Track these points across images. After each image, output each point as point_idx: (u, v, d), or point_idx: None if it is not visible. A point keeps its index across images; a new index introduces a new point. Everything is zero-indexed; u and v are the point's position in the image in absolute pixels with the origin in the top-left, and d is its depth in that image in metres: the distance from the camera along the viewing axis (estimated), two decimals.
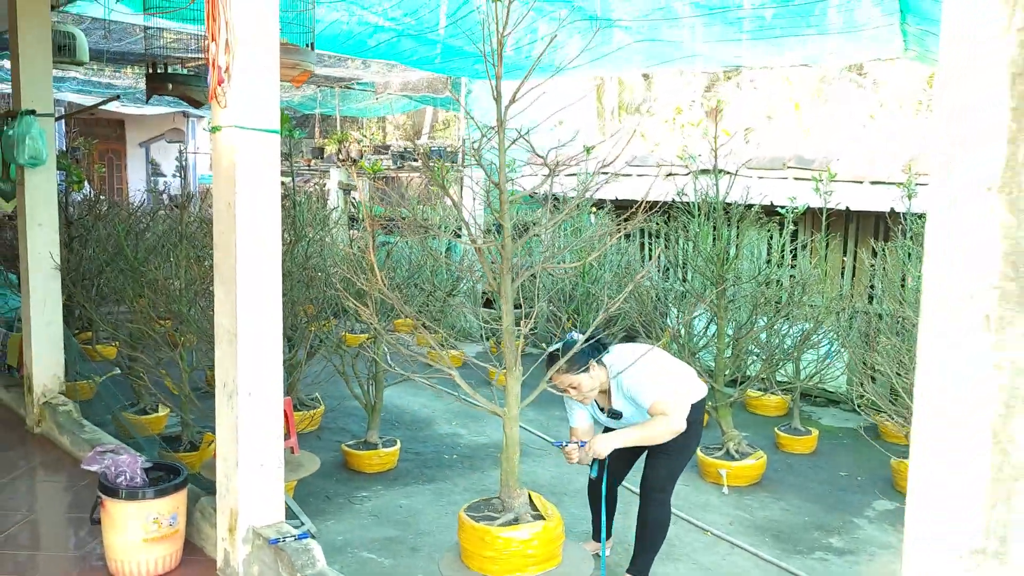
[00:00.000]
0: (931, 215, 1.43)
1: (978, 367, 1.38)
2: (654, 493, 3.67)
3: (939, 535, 1.45)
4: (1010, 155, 1.33)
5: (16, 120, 5.14)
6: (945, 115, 1.41)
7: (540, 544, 2.98)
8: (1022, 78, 1.31)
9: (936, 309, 1.43)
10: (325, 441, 5.92)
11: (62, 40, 6.14)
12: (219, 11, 3.20)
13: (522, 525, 3.03)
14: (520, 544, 2.97)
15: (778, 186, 7.51)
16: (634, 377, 3.46)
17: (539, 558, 2.98)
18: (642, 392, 3.44)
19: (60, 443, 5.29)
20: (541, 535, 2.99)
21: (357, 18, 6.38)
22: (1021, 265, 1.34)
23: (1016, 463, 1.36)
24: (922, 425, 1.46)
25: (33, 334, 5.48)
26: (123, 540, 3.51)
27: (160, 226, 6.90)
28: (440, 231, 4.34)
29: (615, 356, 3.55)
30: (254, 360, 3.40)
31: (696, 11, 5.30)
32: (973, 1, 1.35)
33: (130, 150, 18.20)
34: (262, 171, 3.33)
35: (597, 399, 3.67)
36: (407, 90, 10.82)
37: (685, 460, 3.73)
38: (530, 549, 2.97)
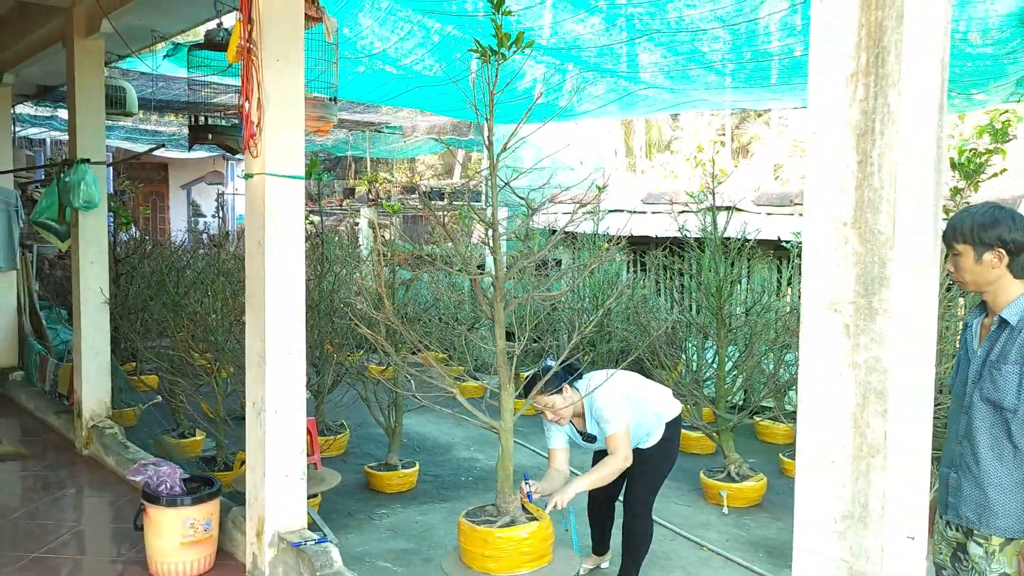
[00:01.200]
0: (805, 243, 1.79)
1: (840, 366, 1.73)
2: (636, 507, 3.99)
3: (819, 504, 1.79)
4: (859, 197, 1.69)
5: (72, 168, 5.66)
6: (813, 164, 1.77)
7: (535, 542, 3.29)
8: (864, 138, 1.67)
9: (809, 320, 1.78)
10: (350, 464, 6.29)
11: (114, 93, 6.71)
12: (252, 73, 3.66)
13: (519, 526, 3.35)
14: (517, 543, 3.25)
15: (786, 222, 7.82)
16: (600, 402, 3.76)
17: (534, 555, 3.29)
18: (605, 422, 3.74)
19: (106, 463, 5.73)
20: (536, 533, 3.30)
21: (380, 69, 6.88)
22: (870, 285, 1.69)
23: (872, 443, 1.70)
24: (803, 415, 1.81)
25: (83, 362, 5.95)
26: (163, 543, 3.91)
27: (200, 263, 7.39)
28: (461, 267, 4.69)
29: (589, 381, 3.85)
30: (281, 380, 3.80)
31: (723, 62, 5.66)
32: (827, 80, 1.72)
33: (172, 192, 19.01)
34: (289, 212, 3.77)
35: (574, 422, 3.96)
36: (433, 133, 11.34)
37: (664, 475, 4.05)
38: (526, 547, 3.27)
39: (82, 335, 5.94)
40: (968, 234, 2.44)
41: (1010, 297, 2.44)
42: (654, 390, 4.05)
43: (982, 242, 2.42)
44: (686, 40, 5.26)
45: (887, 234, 1.65)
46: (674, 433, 4.01)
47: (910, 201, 1.65)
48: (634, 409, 3.83)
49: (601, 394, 3.74)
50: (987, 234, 2.41)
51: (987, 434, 2.43)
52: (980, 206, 2.50)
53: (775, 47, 5.35)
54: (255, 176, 3.74)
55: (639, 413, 3.87)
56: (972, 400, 2.48)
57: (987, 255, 2.42)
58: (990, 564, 2.41)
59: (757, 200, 8.48)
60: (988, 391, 2.42)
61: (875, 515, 1.70)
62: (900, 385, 1.67)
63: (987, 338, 2.48)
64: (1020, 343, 2.37)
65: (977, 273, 2.46)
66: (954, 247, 2.48)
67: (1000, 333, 2.44)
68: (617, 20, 5.16)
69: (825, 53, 1.73)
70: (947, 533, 2.59)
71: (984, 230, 2.41)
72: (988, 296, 2.49)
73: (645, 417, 3.92)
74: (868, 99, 1.67)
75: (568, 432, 3.96)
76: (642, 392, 3.96)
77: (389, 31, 5.95)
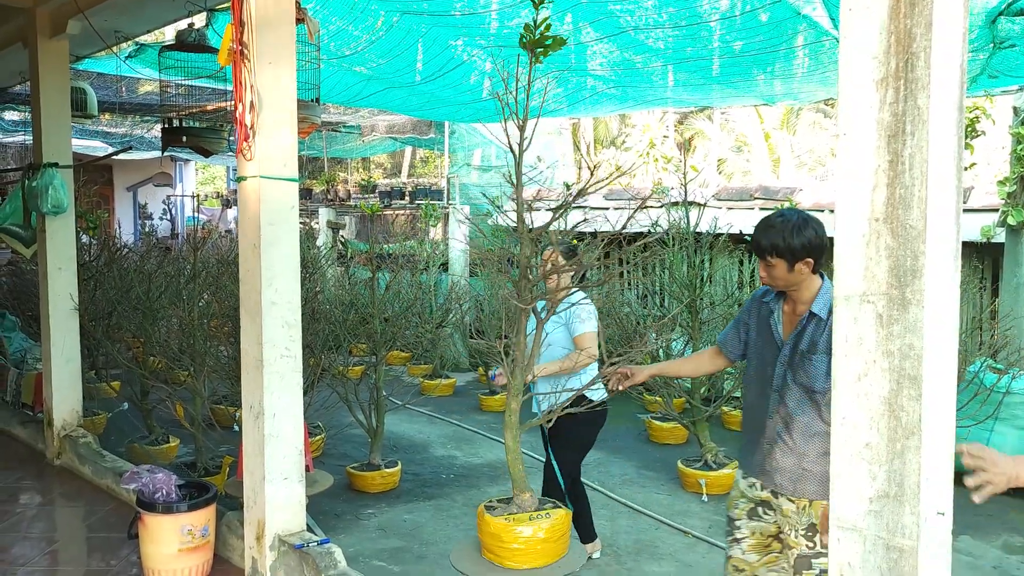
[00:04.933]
0: (837, 239, 1.89)
1: (874, 354, 1.83)
2: (569, 480, 4.25)
3: (855, 485, 1.89)
4: (890, 195, 1.80)
5: (39, 172, 5.54)
6: (844, 164, 1.87)
7: (562, 531, 3.25)
8: (895, 138, 1.78)
9: (844, 310, 1.88)
10: (328, 466, 6.27)
11: (74, 95, 6.55)
12: (244, 76, 3.65)
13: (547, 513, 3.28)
14: (545, 533, 3.16)
15: (746, 216, 8.03)
16: (577, 299, 3.96)
17: (559, 545, 3.24)
18: (580, 321, 3.95)
19: (82, 473, 5.62)
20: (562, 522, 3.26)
21: (349, 71, 6.86)
22: (903, 276, 1.79)
23: (906, 425, 1.80)
24: (838, 401, 1.90)
25: (54, 370, 5.83)
26: (160, 551, 3.88)
27: (168, 267, 7.27)
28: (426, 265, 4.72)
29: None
30: (278, 384, 3.80)
31: (666, 60, 5.80)
32: (858, 85, 1.82)
33: (118, 194, 18.57)
34: (284, 215, 3.76)
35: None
36: (393, 132, 11.31)
37: (586, 451, 4.38)
38: (554, 535, 3.22)
39: (52, 342, 5.81)
40: (784, 251, 2.71)
41: (812, 291, 2.78)
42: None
43: (795, 256, 2.72)
44: (631, 35, 5.36)
45: (919, 228, 1.76)
46: (602, 415, 4.24)
47: (939, 197, 1.76)
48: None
49: (579, 295, 3.98)
50: (799, 250, 2.71)
51: (801, 413, 2.77)
52: (788, 219, 2.73)
53: (716, 46, 5.52)
54: (249, 179, 3.73)
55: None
56: (786, 382, 2.80)
57: (799, 265, 2.73)
58: (801, 518, 2.79)
59: (718, 195, 8.68)
60: (801, 378, 2.75)
61: (910, 493, 1.81)
62: (933, 370, 1.78)
63: (796, 328, 2.79)
64: (828, 334, 2.64)
65: (789, 279, 2.77)
66: (768, 260, 2.76)
67: (808, 324, 2.76)
68: (565, 17, 5.22)
69: (855, 59, 1.83)
70: (750, 492, 2.95)
71: (797, 246, 2.70)
72: (793, 291, 2.82)
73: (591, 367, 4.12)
74: (898, 102, 1.77)
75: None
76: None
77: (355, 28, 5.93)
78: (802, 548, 2.79)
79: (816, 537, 2.76)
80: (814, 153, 20.70)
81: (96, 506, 5.14)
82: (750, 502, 2.96)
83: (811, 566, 2.77)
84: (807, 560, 2.78)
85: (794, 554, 2.81)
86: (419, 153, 20.72)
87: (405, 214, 12.68)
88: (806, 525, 2.79)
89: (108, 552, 4.44)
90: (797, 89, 6.67)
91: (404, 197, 11.96)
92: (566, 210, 3.50)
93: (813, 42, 5.24)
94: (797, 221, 2.73)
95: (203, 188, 21.79)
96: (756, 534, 2.94)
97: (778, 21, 4.90)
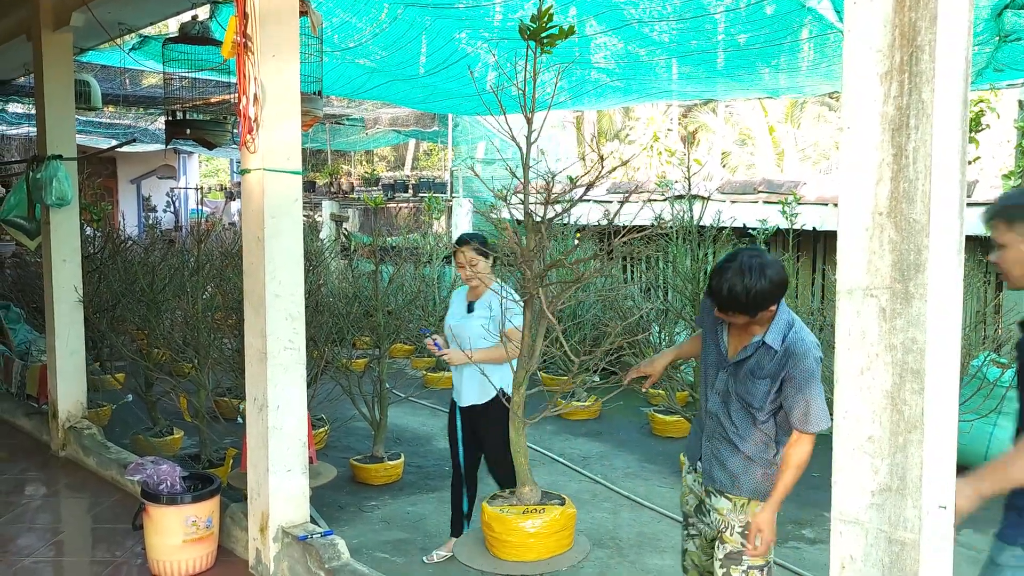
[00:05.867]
0: (840, 233, 1.89)
1: (877, 348, 1.83)
2: (499, 469, 4.21)
3: (857, 478, 1.89)
4: (894, 189, 1.80)
5: (43, 164, 5.55)
6: (847, 158, 1.87)
7: (565, 523, 3.24)
8: (899, 132, 1.78)
9: (847, 304, 1.88)
10: (332, 459, 6.28)
11: (78, 88, 6.56)
12: (248, 69, 3.65)
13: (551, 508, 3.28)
14: (548, 525, 3.15)
15: (749, 209, 8.02)
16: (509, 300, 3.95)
17: (565, 537, 3.24)
18: (515, 314, 3.92)
19: (86, 464, 5.64)
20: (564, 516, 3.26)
21: (352, 63, 6.86)
22: (906, 271, 1.79)
23: (909, 419, 1.81)
24: (840, 395, 1.91)
25: (58, 362, 5.85)
26: (164, 542, 3.90)
27: (172, 260, 7.29)
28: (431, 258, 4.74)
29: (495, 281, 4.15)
30: (282, 376, 3.81)
31: (670, 54, 5.79)
32: (862, 78, 1.82)
33: (122, 186, 18.58)
34: (287, 207, 3.77)
35: (471, 292, 4.21)
36: (396, 125, 11.30)
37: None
38: (557, 528, 3.19)
39: (56, 335, 5.83)
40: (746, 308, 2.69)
41: (767, 317, 2.77)
42: None
43: (758, 310, 2.70)
44: (635, 27, 5.35)
45: (922, 223, 1.76)
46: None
47: (943, 191, 1.76)
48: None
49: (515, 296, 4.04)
50: (765, 302, 2.69)
51: (740, 420, 2.86)
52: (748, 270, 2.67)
53: (720, 39, 5.50)
54: (253, 172, 3.73)
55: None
56: (728, 389, 2.87)
57: (761, 314, 2.74)
58: (738, 515, 2.88)
59: (722, 188, 8.66)
60: (742, 392, 2.82)
61: (912, 487, 1.81)
62: (936, 364, 1.78)
63: (744, 351, 2.82)
64: (775, 365, 2.74)
65: (751, 322, 2.78)
66: (733, 315, 2.76)
67: (758, 351, 2.79)
68: (569, 11, 5.21)
69: (859, 53, 1.83)
70: (695, 487, 3.05)
71: (759, 303, 2.69)
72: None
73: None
74: (903, 95, 1.77)
75: (457, 302, 4.28)
76: None
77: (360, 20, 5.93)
78: (737, 545, 2.87)
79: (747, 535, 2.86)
80: (818, 147, 20.65)
81: (101, 497, 5.16)
82: (696, 497, 3.05)
83: (741, 562, 2.86)
84: (738, 556, 2.86)
85: (726, 549, 2.89)
86: (422, 146, 20.72)
87: (408, 207, 12.68)
88: (743, 523, 2.87)
89: (113, 543, 4.46)
90: (802, 82, 6.66)
91: (407, 190, 11.97)
92: (573, 204, 3.49)
93: (818, 35, 5.22)
94: (758, 275, 2.66)
95: (207, 180, 21.83)
96: (702, 535, 3.05)
97: (783, 14, 4.89)
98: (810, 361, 2.74)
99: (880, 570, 1.85)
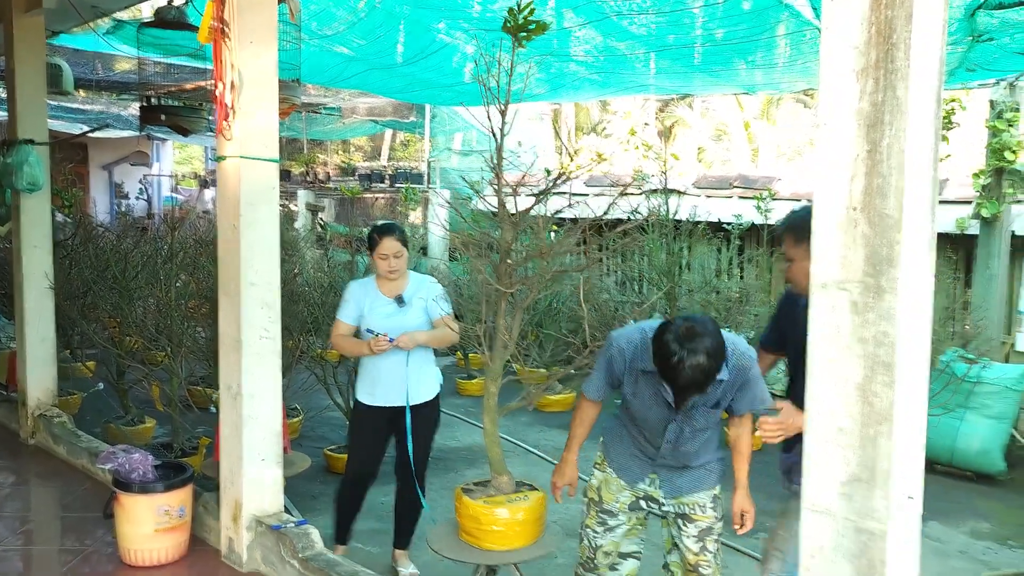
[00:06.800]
0: (815, 227, 1.91)
1: (848, 341, 1.86)
2: (421, 473, 4.11)
3: (827, 468, 1.92)
4: (868, 184, 1.82)
5: (13, 148, 5.46)
6: (823, 153, 1.89)
7: (539, 513, 3.27)
8: (873, 128, 1.80)
9: (820, 297, 1.91)
10: (306, 448, 6.25)
11: (50, 71, 6.45)
12: (225, 55, 3.61)
13: (524, 496, 3.29)
14: (523, 515, 3.19)
15: (725, 204, 8.08)
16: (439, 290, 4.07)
17: (538, 527, 3.27)
18: (442, 301, 4.00)
19: (56, 452, 5.58)
20: (539, 504, 3.29)
21: (329, 51, 6.81)
22: (879, 265, 1.82)
23: (879, 411, 1.84)
24: (812, 387, 1.93)
25: (28, 350, 5.77)
26: (136, 531, 3.87)
27: (145, 247, 7.21)
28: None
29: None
30: (257, 364, 3.79)
31: (648, 47, 5.81)
32: (838, 75, 1.84)
33: (93, 172, 18.33)
34: (263, 195, 3.75)
35: (391, 287, 4.02)
36: (374, 114, 11.24)
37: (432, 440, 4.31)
38: (531, 517, 3.22)
39: (26, 321, 5.75)
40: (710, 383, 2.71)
41: None
42: None
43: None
44: (614, 20, 5.36)
45: (895, 218, 1.79)
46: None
47: (915, 187, 1.79)
48: None
49: (431, 279, 4.15)
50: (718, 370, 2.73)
51: (695, 444, 3.00)
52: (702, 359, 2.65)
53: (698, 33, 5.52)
54: (229, 159, 3.70)
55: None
56: (682, 430, 2.95)
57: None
58: (708, 497, 3.08)
59: (697, 183, 8.72)
60: (699, 425, 2.94)
61: (881, 478, 1.84)
62: (906, 357, 1.81)
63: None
64: (726, 389, 2.87)
65: None
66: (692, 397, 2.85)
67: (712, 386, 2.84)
68: (548, 2, 5.21)
69: (836, 49, 1.85)
70: (638, 486, 3.11)
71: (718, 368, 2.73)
72: None
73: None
74: (878, 92, 1.80)
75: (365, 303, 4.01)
76: None
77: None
78: (711, 520, 3.07)
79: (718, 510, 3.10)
80: (793, 143, 20.82)
81: (71, 486, 5.11)
82: (634, 494, 3.13)
83: (712, 532, 3.08)
84: (710, 529, 3.08)
85: (700, 525, 3.06)
86: (399, 137, 20.63)
87: (385, 197, 12.64)
88: (712, 499, 3.09)
89: (83, 532, 4.42)
90: (778, 78, 6.71)
91: (384, 180, 11.92)
92: (547, 195, 3.50)
93: (794, 31, 5.26)
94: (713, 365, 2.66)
95: (180, 168, 21.58)
96: (633, 520, 3.16)
97: (760, 10, 4.92)
98: (755, 366, 2.92)
99: (848, 559, 1.88)
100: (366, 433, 4.15)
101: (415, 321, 3.97)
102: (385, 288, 4.03)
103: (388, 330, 3.85)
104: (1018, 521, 5.18)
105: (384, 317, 3.96)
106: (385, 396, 4.03)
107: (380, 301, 4.01)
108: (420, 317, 4.00)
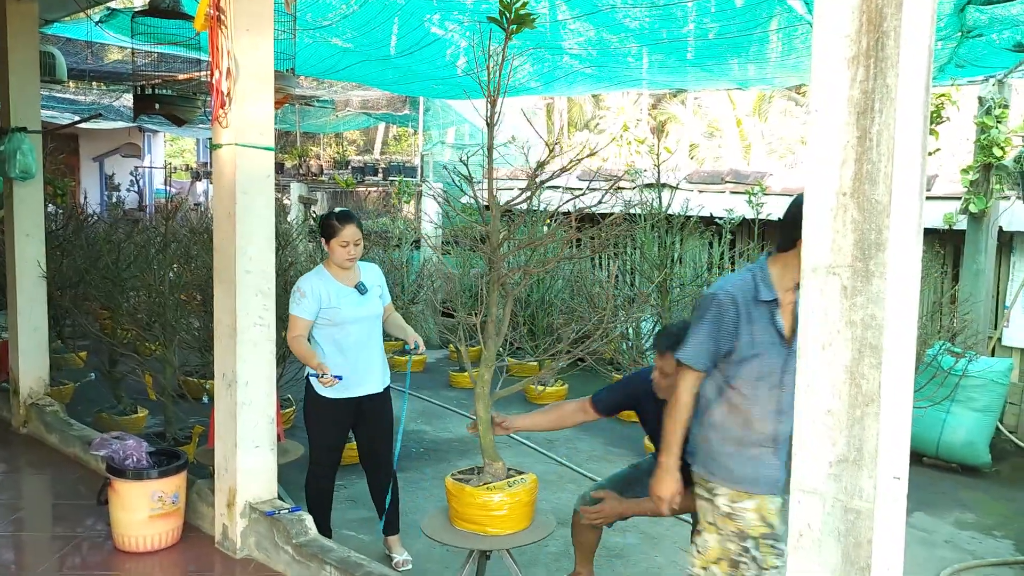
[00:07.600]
0: (806, 213, 1.95)
1: (838, 324, 1.90)
2: (389, 454, 4.17)
3: (816, 449, 1.96)
4: (857, 170, 1.86)
5: (6, 136, 5.45)
6: (814, 140, 1.93)
7: (530, 499, 3.30)
8: (863, 115, 1.84)
9: (811, 281, 1.94)
10: (299, 437, 6.25)
11: (43, 60, 6.43)
12: (221, 42, 3.63)
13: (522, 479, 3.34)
14: (516, 499, 3.22)
15: (717, 199, 8.12)
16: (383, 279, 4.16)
17: (528, 512, 3.29)
18: (388, 294, 4.14)
19: (48, 441, 5.58)
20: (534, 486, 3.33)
21: (324, 43, 6.82)
22: (868, 249, 1.86)
23: (866, 393, 1.88)
24: (804, 369, 1.97)
25: (20, 339, 5.77)
26: (130, 517, 3.89)
27: (137, 237, 7.21)
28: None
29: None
30: (251, 352, 3.81)
31: (641, 42, 5.84)
32: (829, 63, 1.87)
33: (84, 163, 18.24)
34: (259, 183, 3.76)
35: (344, 275, 3.97)
36: (367, 108, 11.24)
37: None
38: (529, 499, 3.28)
39: (18, 310, 5.75)
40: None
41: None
42: None
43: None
44: (607, 13, 5.39)
45: (884, 203, 1.82)
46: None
47: (904, 173, 1.82)
48: None
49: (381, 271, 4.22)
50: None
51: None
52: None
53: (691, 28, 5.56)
54: (225, 147, 3.72)
55: None
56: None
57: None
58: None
59: (690, 177, 8.76)
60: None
61: (868, 458, 1.88)
62: (893, 340, 1.85)
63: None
64: None
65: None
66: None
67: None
68: None
69: (828, 38, 1.88)
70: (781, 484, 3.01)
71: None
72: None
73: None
74: (868, 80, 1.83)
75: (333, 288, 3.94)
76: None
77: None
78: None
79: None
80: (784, 140, 20.89)
81: (63, 474, 5.12)
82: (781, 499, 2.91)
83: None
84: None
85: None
86: (392, 131, 20.61)
87: (378, 191, 12.64)
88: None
89: (74, 520, 4.44)
90: (770, 74, 6.75)
91: (377, 173, 11.92)
92: (538, 188, 3.54)
93: (787, 27, 5.30)
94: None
95: (172, 160, 21.50)
96: None
97: (753, 5, 4.96)
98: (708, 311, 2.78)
99: (836, 537, 1.92)
100: (326, 425, 4.08)
101: (377, 308, 4.05)
102: (341, 277, 3.95)
103: (357, 319, 3.93)
104: (1002, 512, 5.25)
105: (353, 306, 3.93)
106: (358, 386, 3.99)
107: (344, 291, 3.94)
108: (379, 303, 4.07)
